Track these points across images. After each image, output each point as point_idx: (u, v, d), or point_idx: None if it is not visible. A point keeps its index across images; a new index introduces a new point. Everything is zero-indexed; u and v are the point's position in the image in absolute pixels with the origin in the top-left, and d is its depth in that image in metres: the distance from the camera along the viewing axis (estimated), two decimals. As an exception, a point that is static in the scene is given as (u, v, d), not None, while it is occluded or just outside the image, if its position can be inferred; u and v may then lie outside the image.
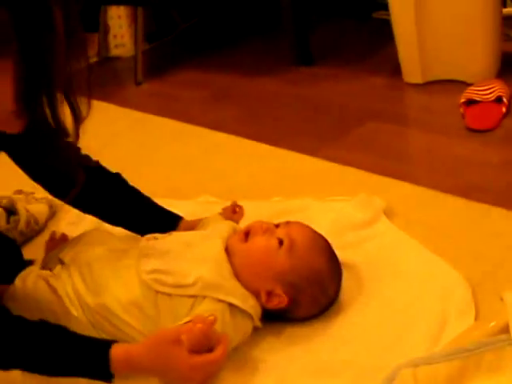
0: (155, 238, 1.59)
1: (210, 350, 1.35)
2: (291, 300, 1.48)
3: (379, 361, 1.38)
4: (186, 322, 1.37)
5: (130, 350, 1.36)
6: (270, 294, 1.47)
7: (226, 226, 1.62)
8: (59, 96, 1.27)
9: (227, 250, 1.52)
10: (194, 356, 1.33)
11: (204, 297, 1.44)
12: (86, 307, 1.47)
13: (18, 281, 1.54)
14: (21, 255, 1.77)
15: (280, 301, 1.47)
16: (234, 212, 1.79)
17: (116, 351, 1.34)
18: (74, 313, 1.47)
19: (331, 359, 1.42)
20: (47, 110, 1.27)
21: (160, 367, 1.35)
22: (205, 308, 1.42)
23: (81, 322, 1.46)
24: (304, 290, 1.48)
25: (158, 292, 1.45)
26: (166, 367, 1.35)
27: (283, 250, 1.48)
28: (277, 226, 1.55)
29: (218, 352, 1.34)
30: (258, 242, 1.51)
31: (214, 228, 1.62)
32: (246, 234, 1.53)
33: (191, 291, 1.44)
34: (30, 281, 1.53)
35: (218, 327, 1.40)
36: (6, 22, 1.12)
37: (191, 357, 1.33)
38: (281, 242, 1.49)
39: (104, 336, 1.45)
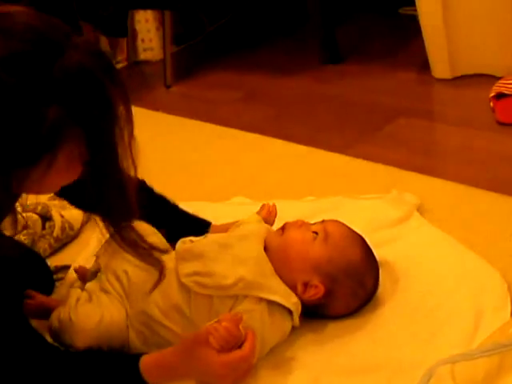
0: (191, 241, 1.60)
1: (240, 347, 1.37)
2: (328, 291, 1.48)
3: (414, 358, 1.39)
4: (213, 322, 1.38)
5: (160, 356, 1.39)
6: (306, 284, 1.48)
7: (261, 227, 1.63)
8: None
9: (265, 248, 1.53)
10: (223, 354, 1.34)
11: (245, 296, 1.45)
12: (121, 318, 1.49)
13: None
14: (47, 267, 1.79)
15: (317, 291, 1.47)
16: (268, 213, 1.80)
17: (146, 361, 1.37)
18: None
19: (366, 357, 1.43)
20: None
21: (193, 369, 1.37)
22: (244, 308, 1.43)
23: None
24: (341, 281, 1.48)
25: (197, 294, 1.46)
26: (199, 368, 1.37)
27: (318, 241, 1.50)
28: (313, 224, 1.56)
29: (246, 348, 1.36)
30: (294, 234, 1.53)
31: (249, 229, 1.62)
32: (282, 229, 1.55)
33: (232, 292, 1.45)
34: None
35: (256, 326, 1.41)
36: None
37: (220, 355, 1.34)
38: (316, 234, 1.51)
39: (139, 345, 1.48)
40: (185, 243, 1.59)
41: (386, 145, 2.28)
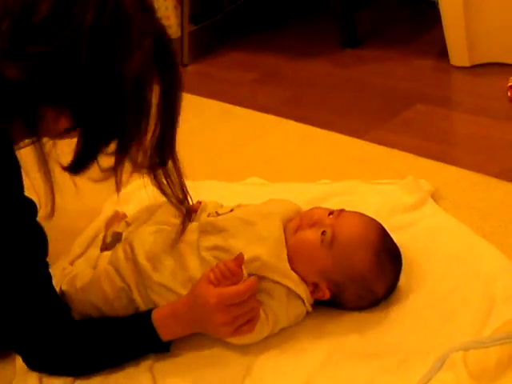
0: (217, 213, 1.61)
1: None
2: (334, 294, 1.49)
3: (425, 344, 1.39)
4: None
5: (169, 306, 1.42)
6: (315, 285, 1.49)
7: (288, 206, 1.62)
8: None
9: (284, 235, 1.52)
10: (218, 288, 1.36)
11: (261, 277, 1.45)
12: (142, 287, 1.51)
13: (87, 268, 1.59)
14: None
15: (323, 294, 1.49)
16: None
17: (156, 314, 1.41)
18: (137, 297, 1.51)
19: (377, 342, 1.44)
20: None
21: (195, 311, 1.39)
22: (263, 286, 1.45)
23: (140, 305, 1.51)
24: (347, 287, 1.47)
25: None
26: (198, 308, 1.38)
27: (324, 246, 1.47)
28: (331, 213, 1.52)
29: (242, 284, 1.37)
30: (304, 235, 1.50)
31: (276, 207, 1.61)
32: (299, 224, 1.53)
33: (248, 269, 1.45)
34: (100, 267, 1.57)
35: (274, 305, 1.44)
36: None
37: (218, 288, 1.36)
38: (324, 235, 1.48)
39: None
40: (210, 216, 1.61)
41: (402, 131, 2.27)
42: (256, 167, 2.15)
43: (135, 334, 1.43)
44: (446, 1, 2.54)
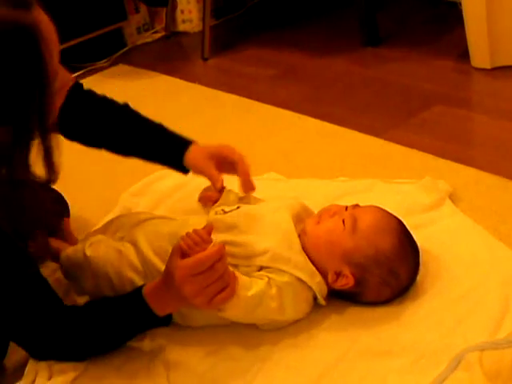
0: (224, 212, 1.62)
1: None
2: (358, 280, 1.48)
3: (440, 344, 1.39)
4: None
5: (155, 282, 1.40)
6: (338, 274, 1.49)
7: (294, 201, 1.64)
8: None
9: (302, 231, 1.54)
10: (184, 259, 1.33)
11: (273, 269, 1.46)
12: (150, 276, 1.52)
13: (88, 249, 1.60)
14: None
15: (347, 281, 1.48)
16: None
17: (146, 290, 1.39)
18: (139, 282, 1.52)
19: (391, 340, 1.44)
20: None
21: (168, 283, 1.35)
22: (272, 277, 1.45)
23: None
24: (371, 270, 1.48)
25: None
26: (169, 280, 1.35)
27: (347, 231, 1.49)
28: (345, 209, 1.55)
29: (204, 251, 1.32)
30: (325, 224, 1.53)
31: (282, 201, 1.63)
32: (319, 217, 1.55)
33: (259, 262, 1.47)
34: (101, 250, 1.59)
35: (279, 298, 1.44)
36: None
37: (180, 260, 1.33)
38: (345, 222, 1.51)
39: None
40: (217, 213, 1.61)
41: (421, 131, 2.27)
42: (273, 162, 2.16)
43: (132, 312, 1.41)
44: (469, 2, 2.53)
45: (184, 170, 1.73)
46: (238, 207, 1.64)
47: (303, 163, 2.15)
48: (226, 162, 1.70)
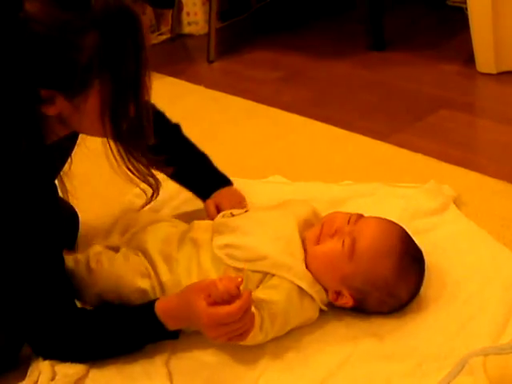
0: (232, 215, 1.62)
1: None
2: (357, 301, 1.48)
3: (443, 349, 1.40)
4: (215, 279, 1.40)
5: (169, 300, 1.43)
6: (338, 293, 1.49)
7: (303, 208, 1.62)
8: None
9: (303, 243, 1.52)
10: (211, 307, 1.34)
11: (273, 275, 1.47)
12: (156, 283, 1.52)
13: (91, 262, 1.59)
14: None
15: (346, 301, 1.48)
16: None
17: (159, 305, 1.41)
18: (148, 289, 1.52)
19: (394, 345, 1.44)
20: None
21: (188, 314, 1.38)
22: (272, 283, 1.45)
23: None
24: (370, 293, 1.47)
25: (229, 267, 1.48)
26: (192, 314, 1.37)
27: (346, 254, 1.46)
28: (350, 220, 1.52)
29: (234, 305, 1.33)
30: (325, 246, 1.50)
31: (290, 207, 1.62)
32: (320, 234, 1.52)
33: (260, 266, 1.47)
34: (105, 263, 1.57)
35: (282, 304, 1.43)
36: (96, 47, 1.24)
37: (208, 308, 1.34)
38: (344, 245, 1.48)
39: None
40: (224, 216, 1.61)
41: (426, 135, 2.27)
42: (279, 165, 2.15)
43: (141, 324, 1.43)
44: (475, 7, 2.54)
45: None
46: (246, 211, 1.64)
47: (308, 166, 2.15)
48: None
